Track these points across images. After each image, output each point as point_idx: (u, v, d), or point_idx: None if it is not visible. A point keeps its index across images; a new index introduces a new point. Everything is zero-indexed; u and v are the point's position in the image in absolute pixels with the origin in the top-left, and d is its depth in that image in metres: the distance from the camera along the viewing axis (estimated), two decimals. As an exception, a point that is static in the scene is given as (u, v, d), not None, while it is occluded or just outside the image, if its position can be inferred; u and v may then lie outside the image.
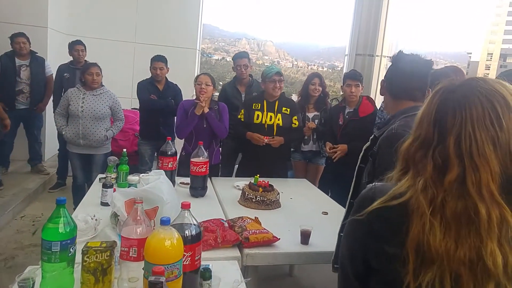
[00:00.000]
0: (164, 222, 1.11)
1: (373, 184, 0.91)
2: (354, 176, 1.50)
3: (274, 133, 3.00)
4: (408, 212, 0.77)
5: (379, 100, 3.11)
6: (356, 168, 1.50)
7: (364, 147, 1.49)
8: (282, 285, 2.78)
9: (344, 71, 4.56)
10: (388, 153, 1.27)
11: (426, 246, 0.74)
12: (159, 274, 0.86)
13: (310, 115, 3.46)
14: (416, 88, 1.48)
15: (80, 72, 3.50)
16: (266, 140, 2.94)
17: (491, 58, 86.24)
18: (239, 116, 3.10)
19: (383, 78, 1.59)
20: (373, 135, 1.47)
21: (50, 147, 4.98)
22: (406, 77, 1.48)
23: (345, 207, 2.77)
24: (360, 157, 1.50)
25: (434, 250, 0.74)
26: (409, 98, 1.49)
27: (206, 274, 0.93)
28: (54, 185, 4.39)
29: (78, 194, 3.23)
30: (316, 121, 3.43)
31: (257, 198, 2.25)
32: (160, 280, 0.81)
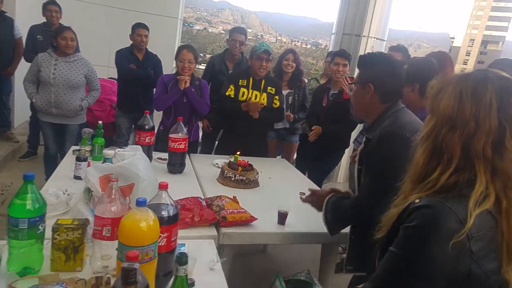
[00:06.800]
0: (140, 203, 1.07)
1: (426, 202, 0.81)
2: (355, 179, 1.51)
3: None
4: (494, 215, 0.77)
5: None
6: (356, 170, 1.51)
7: (359, 150, 1.49)
8: (255, 262, 2.83)
9: (330, 50, 4.50)
10: (374, 152, 1.29)
11: None
12: (132, 259, 0.83)
13: (284, 92, 3.34)
14: (400, 89, 1.49)
15: (51, 35, 3.29)
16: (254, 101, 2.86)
17: (472, 44, 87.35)
18: (227, 93, 2.94)
19: (362, 83, 1.51)
20: (365, 138, 1.47)
21: (20, 114, 4.74)
22: (395, 79, 1.47)
23: (321, 187, 2.83)
24: (357, 159, 1.50)
25: None
26: (397, 99, 1.49)
27: (182, 259, 0.90)
28: (24, 154, 4.21)
29: (50, 165, 3.10)
30: (290, 98, 3.37)
31: (236, 177, 2.24)
32: (134, 267, 0.78)
